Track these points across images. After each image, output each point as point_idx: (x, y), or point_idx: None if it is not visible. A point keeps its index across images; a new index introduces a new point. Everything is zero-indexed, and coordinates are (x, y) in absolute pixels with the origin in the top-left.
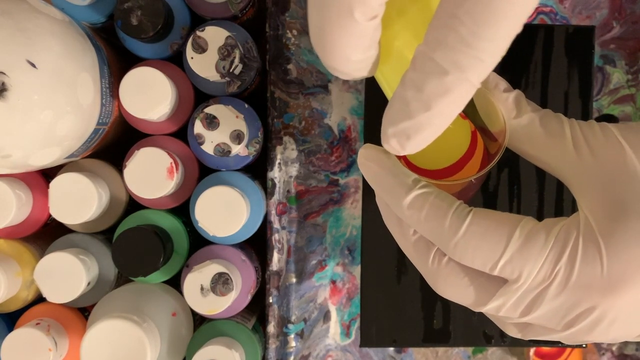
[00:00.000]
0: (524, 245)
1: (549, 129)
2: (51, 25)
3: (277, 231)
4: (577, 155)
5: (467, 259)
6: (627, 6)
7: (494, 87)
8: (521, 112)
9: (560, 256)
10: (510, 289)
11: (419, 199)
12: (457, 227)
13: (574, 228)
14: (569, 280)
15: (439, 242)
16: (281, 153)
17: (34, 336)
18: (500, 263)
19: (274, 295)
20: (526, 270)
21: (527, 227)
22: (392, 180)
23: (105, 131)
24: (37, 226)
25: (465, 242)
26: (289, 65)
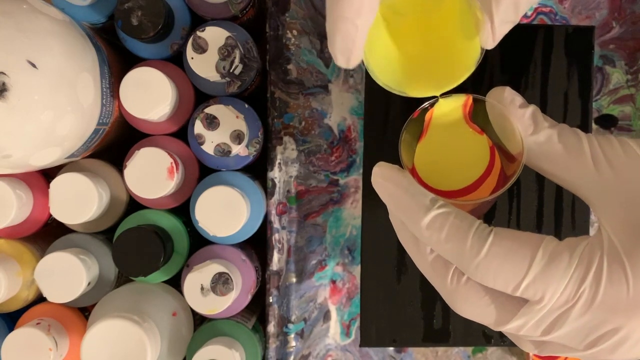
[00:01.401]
0: (547, 266)
1: (567, 146)
2: (51, 26)
3: (277, 231)
4: (598, 173)
5: (488, 281)
6: (626, 6)
7: (509, 102)
8: (538, 129)
9: (585, 277)
10: (533, 309)
11: (438, 219)
12: (479, 248)
13: (597, 248)
14: (594, 301)
15: (460, 263)
16: (281, 153)
17: (35, 336)
18: (523, 284)
19: (274, 295)
20: (550, 291)
21: (550, 247)
22: (409, 200)
23: (106, 131)
24: (37, 226)
25: (487, 264)
26: (289, 65)
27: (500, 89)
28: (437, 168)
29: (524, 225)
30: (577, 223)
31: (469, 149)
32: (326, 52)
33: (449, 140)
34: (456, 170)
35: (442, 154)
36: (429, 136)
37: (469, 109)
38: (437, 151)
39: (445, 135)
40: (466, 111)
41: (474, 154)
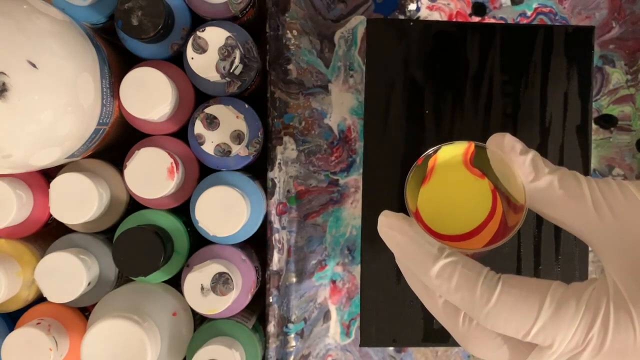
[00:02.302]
0: (555, 314)
1: (568, 191)
2: (52, 26)
3: (277, 231)
4: (599, 218)
5: (499, 328)
6: (626, 6)
7: (509, 150)
8: (539, 175)
9: (592, 324)
10: (543, 354)
11: (447, 268)
12: (488, 297)
13: (603, 294)
14: (602, 348)
15: (470, 310)
16: (281, 153)
17: (35, 336)
18: (533, 332)
19: (274, 295)
20: (559, 338)
21: (557, 294)
22: (418, 250)
23: (106, 131)
24: (37, 226)
25: (496, 312)
26: (289, 65)
27: (500, 135)
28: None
29: (523, 236)
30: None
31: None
32: (326, 52)
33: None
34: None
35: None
36: (432, 181)
37: (470, 155)
38: (440, 195)
39: (447, 180)
40: (467, 157)
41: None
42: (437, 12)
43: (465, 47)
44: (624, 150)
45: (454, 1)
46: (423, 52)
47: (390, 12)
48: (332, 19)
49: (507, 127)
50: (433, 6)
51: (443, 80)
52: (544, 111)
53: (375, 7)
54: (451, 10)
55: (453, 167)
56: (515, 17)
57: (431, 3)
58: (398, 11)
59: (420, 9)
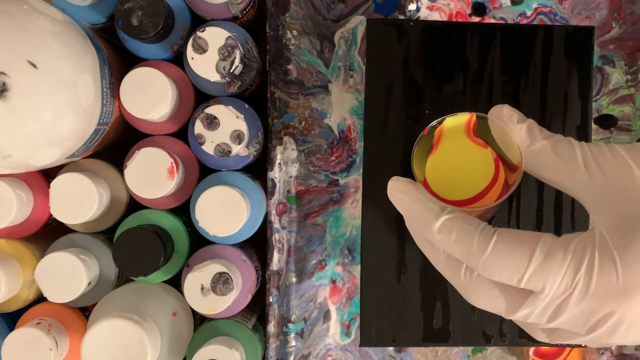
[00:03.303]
0: (545, 261)
1: (561, 154)
2: (52, 26)
3: (277, 231)
4: (589, 177)
5: (495, 275)
6: (626, 6)
7: (508, 119)
8: (535, 141)
9: (578, 268)
10: (537, 299)
11: (447, 223)
12: (484, 247)
13: (589, 243)
14: (589, 289)
15: (468, 261)
16: (281, 153)
17: (35, 336)
18: (525, 277)
19: (274, 294)
20: (549, 282)
21: (547, 243)
22: (422, 209)
23: (106, 131)
24: (37, 226)
25: (492, 261)
26: (289, 65)
27: (499, 107)
28: (446, 180)
29: (524, 225)
30: (577, 223)
31: (475, 162)
32: (326, 52)
33: (457, 154)
34: (464, 181)
35: (451, 166)
36: (439, 151)
37: (473, 125)
38: (446, 164)
39: (453, 149)
40: (470, 127)
41: (479, 166)
42: (437, 12)
43: (465, 47)
44: None
45: (454, 1)
46: (423, 52)
47: (390, 12)
48: (332, 19)
49: None
50: (433, 6)
51: (443, 80)
52: (544, 111)
53: (375, 7)
54: (451, 10)
55: (457, 137)
56: (515, 17)
57: (431, 3)
58: (398, 11)
59: (420, 9)
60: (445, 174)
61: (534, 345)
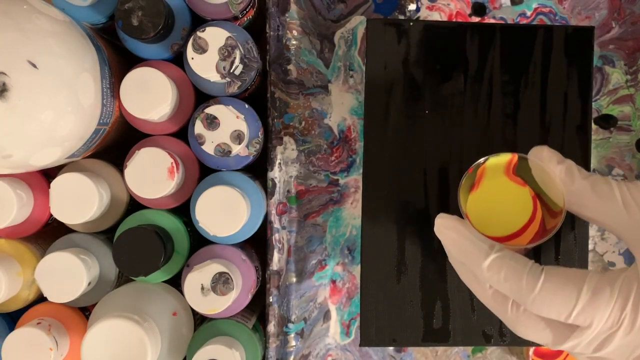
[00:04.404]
0: (592, 298)
1: (600, 194)
2: (52, 26)
3: (277, 231)
4: (629, 215)
5: (543, 312)
6: (626, 6)
7: (548, 160)
8: (574, 181)
9: (625, 305)
10: (583, 333)
11: (497, 262)
12: (533, 285)
13: (634, 280)
14: (634, 325)
15: (518, 298)
16: (281, 153)
17: (35, 336)
18: (574, 314)
19: (274, 294)
20: (597, 319)
21: (594, 280)
22: (471, 246)
23: (106, 131)
24: (38, 226)
25: (541, 298)
26: (289, 65)
27: (539, 148)
28: (486, 216)
29: None
30: (577, 226)
31: (514, 200)
32: (326, 52)
33: (497, 192)
34: (504, 218)
35: (491, 204)
36: (480, 188)
37: (513, 165)
38: (486, 202)
39: (493, 187)
40: (511, 167)
41: (518, 204)
42: (437, 12)
43: (465, 47)
44: (624, 150)
45: (453, 1)
46: (423, 52)
47: (390, 12)
48: (332, 19)
49: (507, 127)
50: (433, 6)
51: (443, 80)
52: (544, 111)
53: (375, 7)
54: (451, 11)
55: (498, 176)
56: (515, 17)
57: (431, 3)
58: (398, 11)
59: (420, 9)
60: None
61: (534, 345)
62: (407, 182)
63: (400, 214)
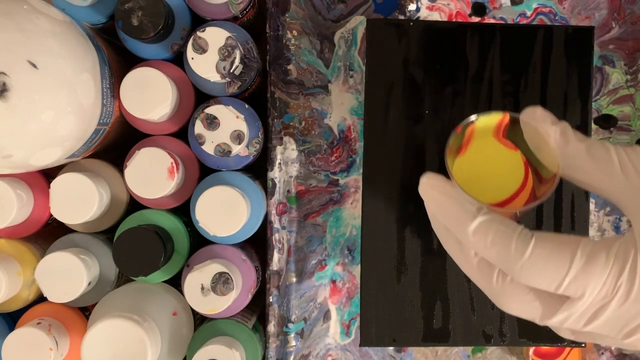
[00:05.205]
0: (586, 265)
1: (597, 157)
2: (52, 26)
3: (277, 231)
4: (626, 179)
5: (532, 281)
6: (626, 7)
7: (542, 120)
8: (569, 143)
9: (621, 272)
10: (574, 305)
11: (484, 225)
12: (522, 251)
13: (631, 246)
14: (630, 294)
15: (504, 265)
16: (281, 153)
17: (35, 336)
18: (565, 282)
19: (274, 294)
20: (590, 288)
21: (588, 247)
22: (457, 208)
23: (106, 131)
24: (38, 226)
25: (530, 265)
26: (289, 65)
27: (533, 108)
28: (474, 181)
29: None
30: (577, 223)
31: (504, 165)
32: (326, 52)
33: (486, 155)
34: (493, 184)
35: (480, 168)
36: (468, 151)
37: (504, 127)
38: (474, 165)
39: (482, 151)
40: (501, 128)
41: (509, 169)
42: (437, 12)
43: (465, 47)
44: None
45: (453, 1)
46: (423, 52)
47: (390, 12)
48: (332, 19)
49: None
50: (433, 6)
51: (443, 80)
52: None
53: (375, 7)
54: (451, 11)
55: (487, 139)
56: (515, 17)
57: (431, 3)
58: (398, 11)
59: (420, 9)
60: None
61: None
62: (407, 182)
63: (400, 214)
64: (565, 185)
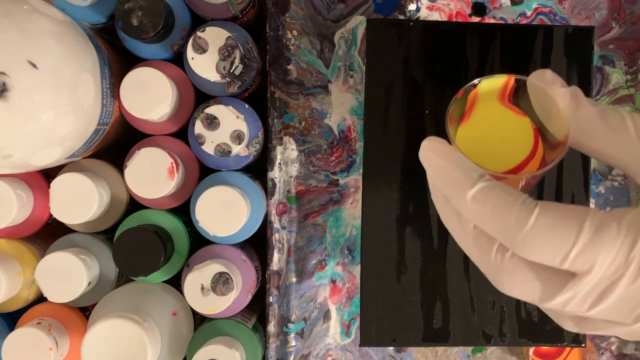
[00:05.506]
0: (595, 235)
1: (610, 123)
2: (52, 26)
3: (277, 231)
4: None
5: (535, 253)
6: (626, 6)
7: (551, 83)
8: (580, 106)
9: (633, 245)
10: (581, 282)
11: (484, 191)
12: (525, 219)
13: None
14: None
15: (505, 236)
16: (281, 153)
17: (35, 336)
18: (572, 255)
19: (274, 294)
20: (599, 261)
21: (597, 217)
22: (457, 173)
23: (106, 131)
24: (38, 226)
25: (534, 235)
26: (289, 65)
27: (542, 71)
28: (480, 150)
29: None
30: None
31: (512, 131)
32: (326, 52)
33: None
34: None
35: (485, 135)
36: (472, 118)
37: (510, 91)
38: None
39: (487, 116)
40: (506, 92)
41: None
42: (437, 12)
43: (465, 47)
44: None
45: (453, 1)
46: (423, 52)
47: (390, 12)
48: (332, 19)
49: None
50: (433, 6)
51: (443, 80)
52: None
53: (375, 7)
54: (451, 11)
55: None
56: (515, 17)
57: (431, 3)
58: (398, 11)
59: (420, 9)
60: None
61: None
62: (407, 182)
63: (400, 214)
64: (566, 185)
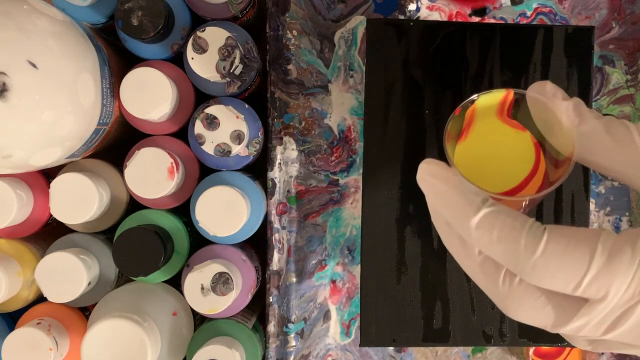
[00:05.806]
0: (609, 261)
1: (616, 136)
2: (52, 26)
3: (277, 231)
4: None
5: (546, 281)
6: (626, 6)
7: (552, 96)
8: (584, 120)
9: None
10: (595, 308)
11: (489, 217)
12: (534, 246)
13: None
14: None
15: (514, 264)
16: (281, 153)
17: (35, 336)
18: (585, 282)
19: (274, 294)
20: (614, 288)
21: (609, 241)
22: (459, 199)
23: (106, 131)
24: (38, 226)
25: (544, 262)
26: (289, 65)
27: (541, 83)
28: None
29: None
30: (577, 224)
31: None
32: (326, 52)
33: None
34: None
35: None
36: (470, 135)
37: (509, 105)
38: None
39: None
40: (505, 107)
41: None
42: (437, 12)
43: (465, 47)
44: None
45: (453, 1)
46: (423, 52)
47: (390, 12)
48: (332, 19)
49: None
50: (433, 6)
51: (443, 80)
52: None
53: (375, 7)
54: (451, 11)
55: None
56: (515, 17)
57: (431, 3)
58: (398, 11)
59: (420, 9)
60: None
61: (534, 345)
62: (407, 182)
63: (400, 214)
64: (565, 185)
